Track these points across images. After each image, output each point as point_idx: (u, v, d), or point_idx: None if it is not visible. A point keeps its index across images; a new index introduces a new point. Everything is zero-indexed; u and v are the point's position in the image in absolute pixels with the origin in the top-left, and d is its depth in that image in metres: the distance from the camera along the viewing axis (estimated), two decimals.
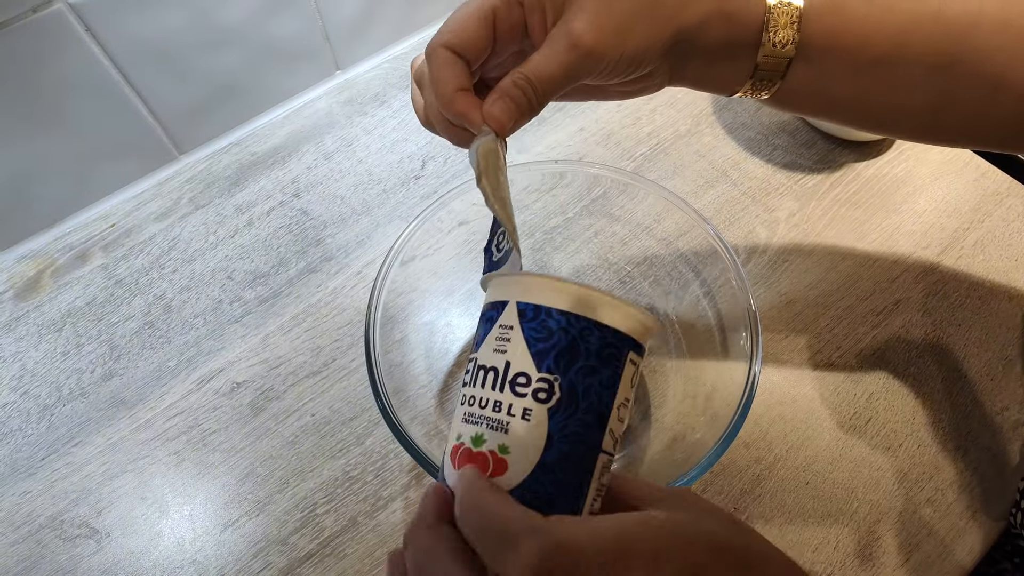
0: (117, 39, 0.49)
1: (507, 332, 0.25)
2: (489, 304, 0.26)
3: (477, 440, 0.24)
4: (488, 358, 0.25)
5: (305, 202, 0.57)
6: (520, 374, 0.24)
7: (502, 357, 0.25)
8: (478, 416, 0.25)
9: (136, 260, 0.55)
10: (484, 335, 0.26)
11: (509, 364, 0.24)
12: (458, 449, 0.25)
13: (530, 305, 0.25)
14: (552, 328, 0.24)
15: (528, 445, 0.24)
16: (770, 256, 0.53)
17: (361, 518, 0.43)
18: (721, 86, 0.34)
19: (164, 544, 0.43)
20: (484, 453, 0.24)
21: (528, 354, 0.24)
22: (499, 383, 0.24)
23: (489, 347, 0.25)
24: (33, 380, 0.50)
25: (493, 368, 0.25)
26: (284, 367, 0.49)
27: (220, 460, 0.46)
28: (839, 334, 0.49)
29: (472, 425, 0.25)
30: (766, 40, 0.30)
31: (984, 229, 0.53)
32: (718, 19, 0.30)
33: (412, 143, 0.60)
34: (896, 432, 0.45)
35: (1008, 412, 0.46)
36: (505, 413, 0.24)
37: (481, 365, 0.25)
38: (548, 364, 0.24)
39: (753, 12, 0.30)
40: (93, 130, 0.53)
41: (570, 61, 0.28)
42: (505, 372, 0.24)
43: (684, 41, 0.30)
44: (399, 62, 0.65)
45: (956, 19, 0.31)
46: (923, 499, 0.43)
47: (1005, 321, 0.49)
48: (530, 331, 0.24)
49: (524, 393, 0.24)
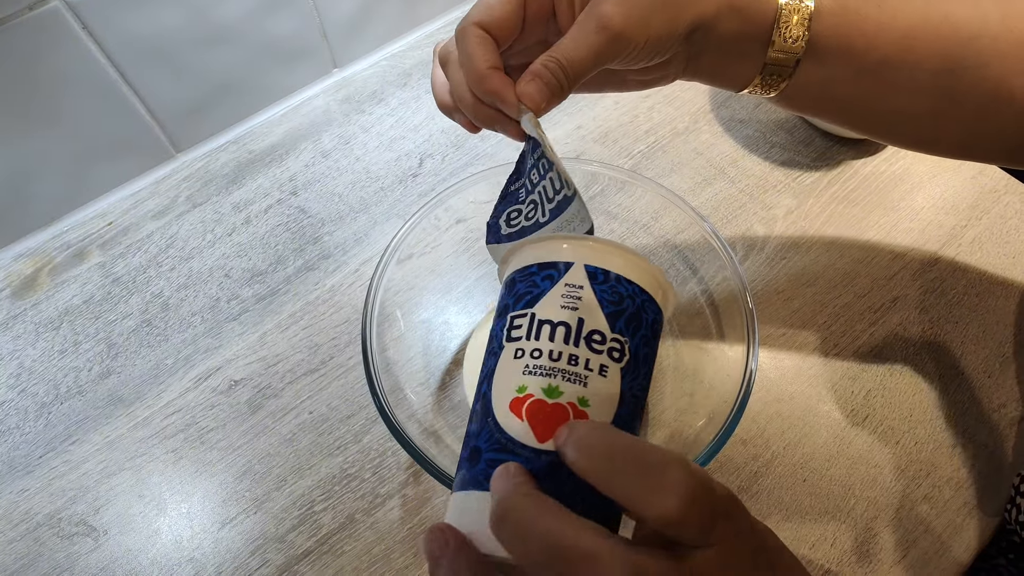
0: (114, 37, 0.49)
1: (576, 291, 0.25)
2: (542, 264, 0.27)
3: (552, 391, 0.24)
4: (553, 313, 0.25)
5: (303, 200, 0.57)
6: (595, 331, 0.25)
7: (573, 314, 0.25)
8: (548, 368, 0.24)
9: (133, 258, 0.55)
10: (540, 292, 0.26)
11: (583, 321, 0.25)
12: (524, 401, 0.24)
13: (599, 269, 0.26)
14: (622, 294, 0.26)
15: (606, 400, 0.24)
16: (768, 253, 0.53)
17: (359, 515, 0.43)
18: (733, 81, 0.34)
19: (162, 542, 0.43)
20: (563, 405, 0.24)
21: (603, 314, 0.25)
22: (572, 338, 0.25)
23: (553, 303, 0.26)
24: (31, 378, 0.50)
25: (563, 323, 0.25)
26: (282, 365, 0.49)
27: (218, 458, 0.46)
28: (836, 331, 0.49)
29: (542, 377, 0.25)
30: (776, 36, 0.31)
31: (982, 226, 0.53)
32: (729, 13, 0.31)
33: (410, 141, 0.60)
34: (893, 429, 0.45)
35: (1005, 409, 0.46)
36: (583, 367, 0.24)
37: (545, 320, 0.25)
38: (620, 326, 0.25)
39: (765, 8, 0.31)
40: (90, 128, 0.53)
41: (599, 44, 0.29)
42: (579, 328, 0.25)
43: (700, 30, 0.31)
44: (397, 60, 0.65)
45: (961, 25, 0.31)
46: (920, 496, 0.43)
47: (1002, 318, 0.49)
48: (602, 293, 0.25)
49: (600, 350, 0.24)
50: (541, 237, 0.28)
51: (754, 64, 0.33)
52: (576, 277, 0.26)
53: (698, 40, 0.31)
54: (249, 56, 0.57)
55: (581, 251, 0.27)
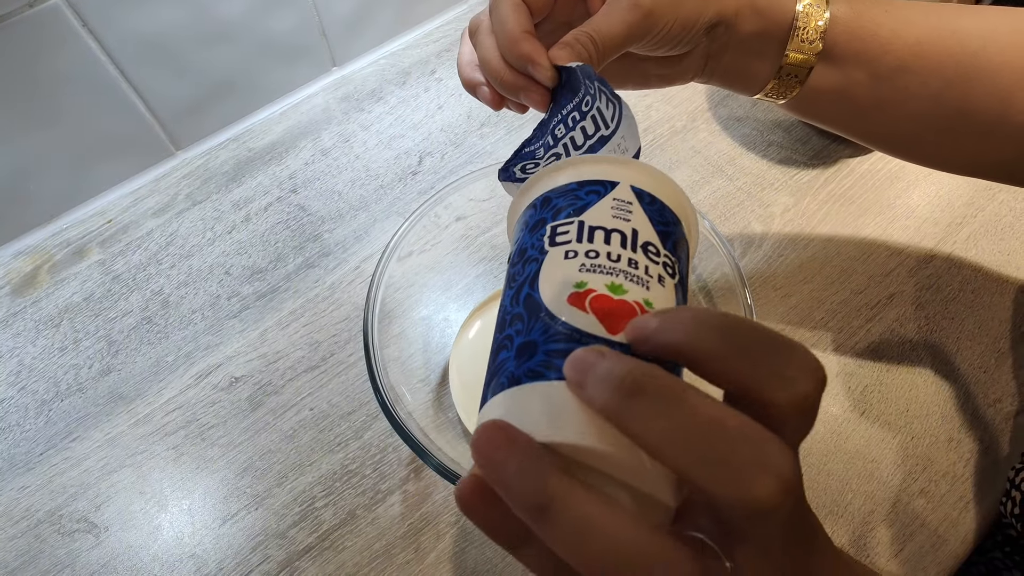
0: (114, 34, 0.49)
1: (627, 206, 0.25)
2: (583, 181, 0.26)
3: (616, 288, 0.22)
4: (606, 221, 0.24)
5: (302, 198, 0.57)
6: (650, 243, 0.24)
7: (627, 224, 0.24)
8: (609, 267, 0.23)
9: (133, 256, 0.55)
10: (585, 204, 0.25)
11: (636, 232, 0.24)
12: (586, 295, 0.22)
13: (646, 192, 0.25)
14: (669, 220, 0.25)
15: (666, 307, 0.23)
16: (765, 251, 0.53)
17: (360, 511, 0.44)
18: (749, 82, 0.35)
19: (163, 538, 0.43)
20: (630, 303, 0.22)
21: (654, 230, 0.24)
22: (630, 244, 0.24)
23: (603, 213, 0.24)
24: (31, 376, 0.50)
25: (617, 231, 0.24)
26: (282, 362, 0.49)
27: (219, 454, 0.46)
28: (834, 327, 0.49)
29: (603, 275, 0.23)
30: (793, 37, 0.32)
31: (977, 223, 0.54)
32: (750, 12, 0.32)
33: (409, 139, 0.60)
34: (890, 424, 0.46)
35: (1001, 404, 0.46)
36: (643, 272, 0.23)
37: (597, 226, 0.24)
38: (670, 246, 0.24)
39: (783, 10, 0.32)
40: (90, 126, 0.53)
41: (631, 20, 0.29)
42: (634, 237, 0.24)
43: (722, 25, 0.32)
44: (396, 58, 0.65)
45: (971, 34, 0.32)
46: (916, 490, 0.43)
47: (997, 314, 0.50)
48: (652, 213, 0.25)
49: (657, 261, 0.24)
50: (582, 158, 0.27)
51: (771, 65, 0.34)
52: (624, 194, 0.25)
53: (720, 36, 0.32)
54: (249, 54, 0.57)
55: (628, 171, 0.26)
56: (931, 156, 0.37)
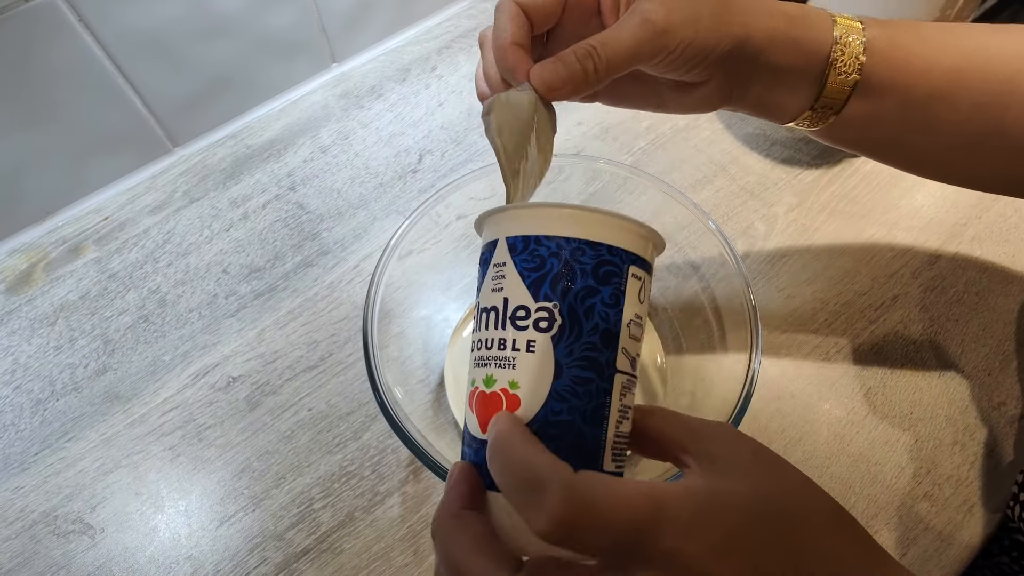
0: (110, 29, 0.49)
1: (501, 269, 0.25)
2: (484, 247, 0.26)
3: (488, 381, 0.24)
4: (488, 299, 0.25)
5: (301, 196, 0.57)
6: (519, 307, 0.24)
7: (500, 295, 0.24)
8: (487, 358, 0.25)
9: (130, 254, 0.54)
10: (481, 278, 0.26)
11: (507, 300, 0.24)
12: (474, 394, 0.25)
13: (519, 237, 0.25)
14: (543, 255, 0.24)
15: (536, 376, 0.23)
16: (768, 251, 0.52)
17: (358, 513, 0.43)
18: (779, 113, 0.34)
19: (159, 539, 0.43)
20: (496, 393, 0.24)
21: (523, 286, 0.24)
22: (500, 321, 0.24)
23: (488, 288, 0.25)
24: (26, 374, 0.49)
25: (493, 308, 0.25)
26: (280, 362, 0.49)
27: (216, 455, 0.45)
28: (837, 329, 0.49)
29: (483, 368, 0.25)
30: (830, 71, 0.31)
31: (982, 224, 0.53)
32: (785, 41, 0.31)
33: (409, 137, 0.60)
34: (893, 427, 0.45)
35: (1005, 407, 0.46)
36: (510, 349, 0.24)
37: (484, 308, 0.25)
38: (545, 292, 0.24)
39: (820, 41, 0.31)
40: (86, 122, 0.52)
41: (640, 36, 0.28)
42: (504, 309, 0.24)
43: (748, 55, 0.31)
44: (395, 55, 0.65)
45: (1006, 57, 0.32)
46: (920, 493, 0.43)
47: (1002, 316, 0.49)
48: (522, 263, 0.24)
49: (525, 326, 0.24)
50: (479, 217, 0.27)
51: (803, 97, 0.33)
52: (500, 255, 0.25)
53: (745, 66, 0.31)
54: (247, 50, 0.57)
55: (501, 224, 0.25)
56: (960, 176, 0.37)
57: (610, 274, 0.24)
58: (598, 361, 0.24)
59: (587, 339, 0.23)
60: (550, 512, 0.19)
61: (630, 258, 0.25)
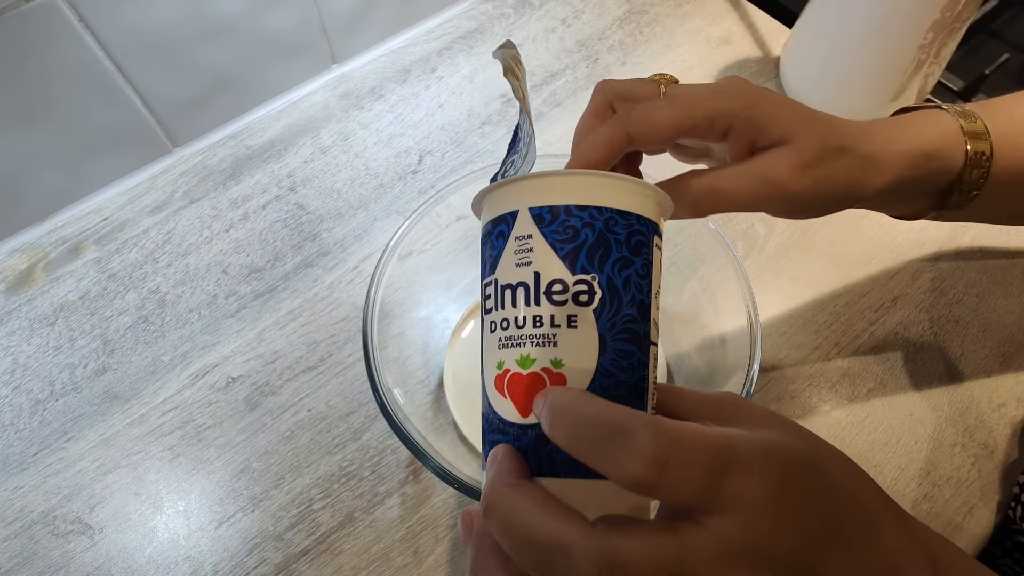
0: (111, 29, 0.49)
1: (527, 242, 0.23)
2: (493, 220, 0.25)
3: (524, 361, 0.23)
4: (511, 275, 0.23)
5: (301, 196, 0.57)
6: (554, 281, 0.22)
7: (528, 269, 0.23)
8: (518, 337, 0.23)
9: (130, 254, 0.54)
10: (497, 254, 0.24)
11: (539, 275, 0.23)
12: (503, 378, 0.23)
13: (544, 208, 0.23)
14: (576, 226, 0.23)
15: (582, 352, 0.22)
16: (768, 252, 0.52)
17: (357, 514, 0.43)
18: (901, 214, 0.35)
19: (158, 540, 0.43)
20: (537, 373, 0.22)
21: (557, 259, 0.23)
22: (533, 297, 0.23)
23: (508, 263, 0.23)
24: (25, 374, 0.49)
25: (521, 284, 0.23)
26: (280, 362, 0.49)
27: (215, 455, 0.45)
28: (837, 330, 0.49)
29: (513, 348, 0.23)
30: (958, 186, 0.32)
31: (982, 226, 0.53)
32: (912, 181, 0.31)
33: (409, 138, 0.60)
34: (893, 428, 0.45)
35: (1005, 408, 0.46)
36: (548, 325, 0.22)
37: (506, 285, 0.23)
38: (582, 264, 0.22)
39: (949, 170, 0.31)
40: (86, 122, 0.52)
41: (760, 194, 0.28)
42: (536, 284, 0.23)
43: (868, 196, 0.31)
44: (396, 56, 0.65)
45: None
46: (920, 495, 0.43)
47: (1002, 318, 0.49)
48: (553, 235, 0.23)
49: (563, 300, 0.22)
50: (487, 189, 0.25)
51: (927, 203, 0.33)
52: (523, 227, 0.23)
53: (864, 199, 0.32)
54: (247, 51, 0.57)
55: (522, 194, 0.24)
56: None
57: (640, 244, 0.23)
58: (637, 333, 0.23)
59: (626, 311, 0.23)
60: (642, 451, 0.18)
61: (654, 227, 0.24)
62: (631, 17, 0.67)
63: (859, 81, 0.53)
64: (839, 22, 0.52)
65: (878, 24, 0.49)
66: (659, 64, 0.63)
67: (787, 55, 0.60)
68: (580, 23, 0.67)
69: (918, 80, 0.52)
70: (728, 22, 0.66)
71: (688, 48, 0.64)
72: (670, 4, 0.68)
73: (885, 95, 0.53)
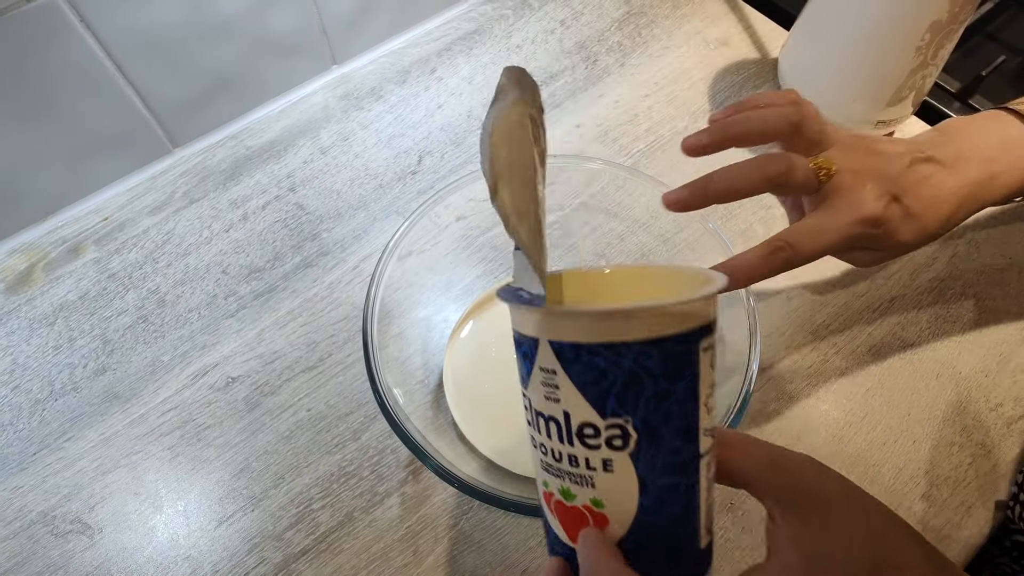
0: (112, 30, 0.49)
1: (552, 377, 0.21)
2: (518, 333, 0.23)
3: (567, 494, 0.22)
4: (542, 405, 0.22)
5: (301, 196, 0.57)
6: (585, 425, 0.21)
7: (557, 406, 0.22)
8: (557, 469, 0.22)
9: (130, 254, 0.54)
10: (526, 373, 0.23)
11: (568, 415, 0.21)
12: (550, 497, 0.23)
13: (565, 345, 0.21)
14: (601, 366, 0.20)
15: (622, 496, 0.21)
16: None
17: (357, 514, 0.43)
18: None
19: (158, 540, 0.43)
20: (579, 509, 0.22)
21: (585, 401, 0.21)
22: (565, 436, 0.22)
23: (538, 392, 0.22)
24: (24, 374, 0.49)
25: (552, 419, 0.22)
26: (279, 362, 0.49)
27: (215, 455, 0.45)
28: (835, 331, 0.49)
29: (555, 477, 0.23)
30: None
31: (979, 226, 0.53)
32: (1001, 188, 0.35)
33: (408, 138, 0.60)
34: (891, 428, 0.45)
35: (1002, 408, 0.46)
36: (584, 467, 0.21)
37: (538, 412, 0.22)
38: (612, 408, 0.21)
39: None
40: (86, 122, 0.52)
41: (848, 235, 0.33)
42: (567, 423, 0.21)
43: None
44: (396, 57, 0.65)
45: None
46: (918, 495, 0.43)
47: (999, 318, 0.49)
48: (577, 375, 0.21)
49: (597, 444, 0.21)
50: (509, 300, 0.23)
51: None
52: (546, 359, 0.21)
53: None
54: (247, 51, 0.57)
55: (541, 324, 0.21)
56: None
57: (681, 366, 0.21)
58: (683, 461, 0.21)
59: (668, 445, 0.21)
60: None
61: (699, 333, 0.21)
62: (630, 19, 0.67)
63: (857, 82, 0.53)
64: (837, 24, 0.52)
65: (875, 26, 0.49)
66: (658, 66, 0.64)
67: (785, 57, 0.60)
68: (579, 25, 0.67)
69: (915, 81, 0.52)
70: (726, 24, 0.66)
71: (686, 50, 0.65)
72: (668, 6, 0.68)
73: (882, 96, 0.53)
